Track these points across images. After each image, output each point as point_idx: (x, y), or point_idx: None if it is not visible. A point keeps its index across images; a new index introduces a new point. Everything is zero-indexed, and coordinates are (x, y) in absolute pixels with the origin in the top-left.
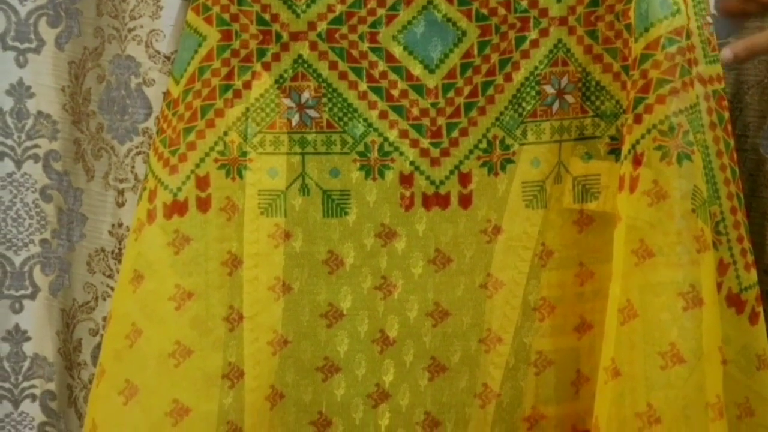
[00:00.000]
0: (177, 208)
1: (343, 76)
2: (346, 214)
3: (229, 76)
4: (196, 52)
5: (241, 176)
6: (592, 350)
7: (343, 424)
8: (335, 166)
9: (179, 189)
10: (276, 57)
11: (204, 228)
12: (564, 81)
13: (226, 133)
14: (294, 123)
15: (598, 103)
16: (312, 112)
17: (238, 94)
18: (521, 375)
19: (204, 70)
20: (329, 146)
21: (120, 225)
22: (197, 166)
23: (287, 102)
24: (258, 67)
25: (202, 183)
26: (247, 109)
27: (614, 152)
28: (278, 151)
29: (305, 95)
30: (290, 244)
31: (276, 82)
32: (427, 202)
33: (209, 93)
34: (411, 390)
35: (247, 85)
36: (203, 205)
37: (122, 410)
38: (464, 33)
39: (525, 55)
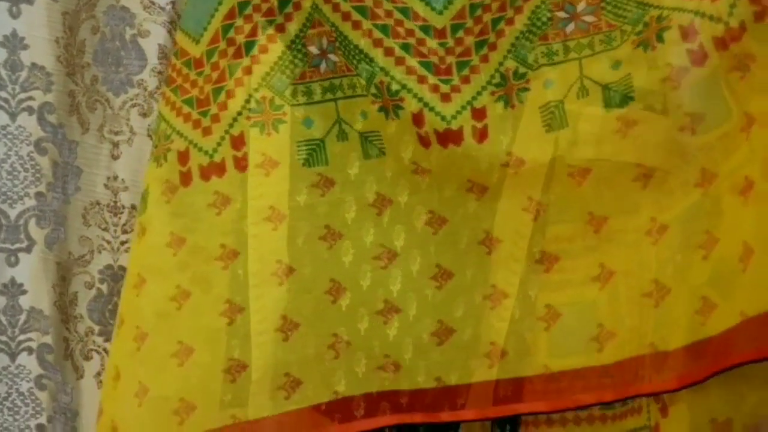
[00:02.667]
0: (215, 169)
1: (346, 17)
2: (383, 154)
3: (253, 32)
4: (216, 10)
5: (276, 130)
6: (618, 300)
7: (411, 359)
8: (363, 109)
9: (215, 150)
10: (297, 6)
11: (243, 187)
12: (581, 5)
13: (256, 90)
14: (322, 70)
15: (625, 14)
16: (333, 57)
17: (264, 50)
18: (527, 327)
19: (227, 28)
20: (354, 89)
21: (115, 178)
22: (231, 125)
23: (313, 50)
24: (281, 19)
25: (238, 142)
26: (275, 63)
27: (641, 44)
28: (311, 101)
29: (324, 41)
30: (334, 191)
31: (300, 31)
32: (440, 139)
33: (235, 51)
34: (419, 300)
35: (272, 39)
36: (240, 164)
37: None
38: None
39: None
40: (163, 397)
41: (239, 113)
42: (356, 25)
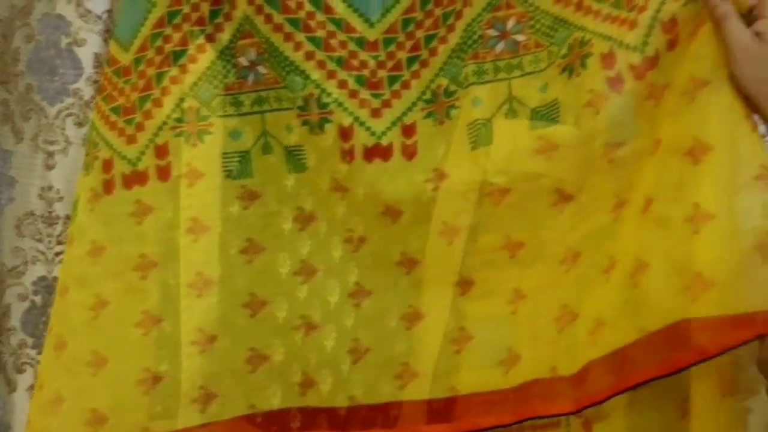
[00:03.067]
0: (138, 178)
1: (278, 28)
2: (305, 169)
3: (183, 41)
4: (146, 18)
5: (202, 141)
6: (528, 325)
7: (332, 376)
8: (288, 122)
9: (138, 159)
10: (228, 17)
11: (166, 196)
12: (510, 23)
13: (182, 100)
14: (250, 81)
15: (553, 34)
16: (261, 69)
17: (192, 59)
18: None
19: (156, 37)
20: (280, 102)
21: (50, 188)
22: (155, 135)
23: (242, 61)
24: (211, 29)
25: (161, 151)
26: (204, 73)
27: (566, 69)
28: (239, 112)
29: (253, 52)
30: (257, 205)
31: (230, 42)
32: (368, 154)
33: (163, 60)
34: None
35: (202, 49)
36: (163, 173)
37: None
38: None
39: (467, 2)
40: (77, 408)
41: (164, 122)
42: (288, 37)
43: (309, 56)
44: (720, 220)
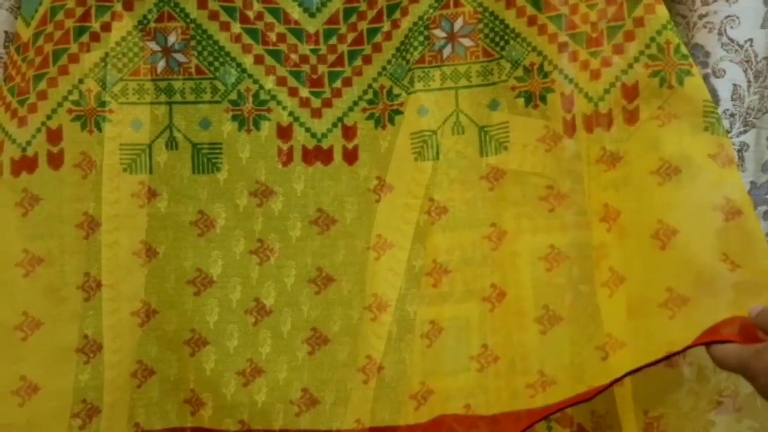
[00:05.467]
0: (26, 164)
1: (213, 16)
2: (217, 170)
3: (85, 17)
4: None
5: (99, 129)
6: (504, 323)
7: (214, 401)
8: (205, 117)
9: (29, 143)
10: None
11: (56, 186)
12: (458, 24)
13: (81, 81)
14: (160, 69)
15: (504, 44)
16: (180, 57)
17: (95, 38)
18: (405, 346)
19: (56, 10)
20: (199, 94)
21: None
22: (48, 117)
23: (152, 45)
24: (118, 6)
25: (54, 136)
26: (107, 54)
27: (524, 95)
28: (142, 101)
29: (172, 38)
30: (155, 204)
31: (139, 23)
32: (308, 156)
33: (62, 36)
34: (289, 364)
35: (106, 27)
36: (55, 160)
37: None
38: None
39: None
40: None
41: (59, 104)
42: (225, 27)
43: (246, 49)
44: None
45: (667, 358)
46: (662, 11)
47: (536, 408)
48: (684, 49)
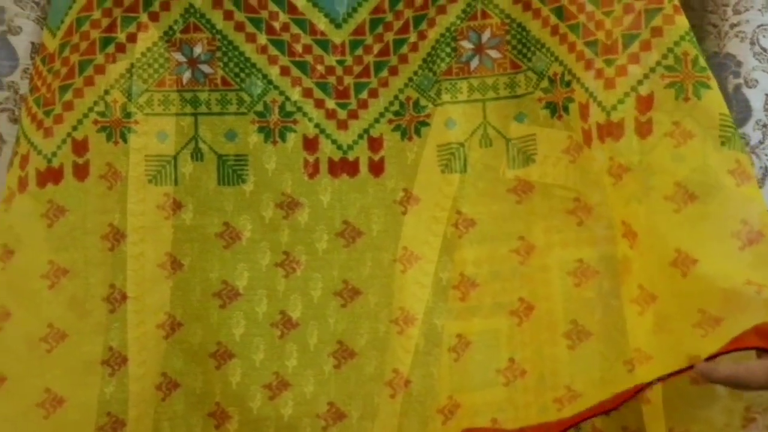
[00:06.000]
0: (51, 175)
1: (239, 27)
2: (243, 181)
3: (111, 27)
4: (74, 0)
5: (125, 140)
6: (532, 337)
7: (240, 414)
8: (231, 128)
9: (54, 154)
10: (165, 6)
11: (81, 198)
12: (486, 35)
13: (107, 92)
14: (185, 80)
15: (531, 56)
16: (205, 68)
17: (121, 48)
18: (433, 360)
19: (82, 21)
20: (224, 106)
21: None
22: (74, 128)
23: (178, 56)
24: (144, 17)
25: (80, 147)
26: (132, 65)
27: (549, 107)
28: (168, 112)
29: (198, 49)
30: (180, 216)
31: (165, 34)
32: (334, 168)
33: (88, 47)
34: (315, 377)
35: (132, 38)
36: (80, 172)
37: None
38: None
39: (441, 10)
40: None
41: (85, 115)
42: (251, 38)
43: (273, 60)
44: None
45: (692, 367)
46: (682, 21)
47: (563, 419)
48: (702, 61)
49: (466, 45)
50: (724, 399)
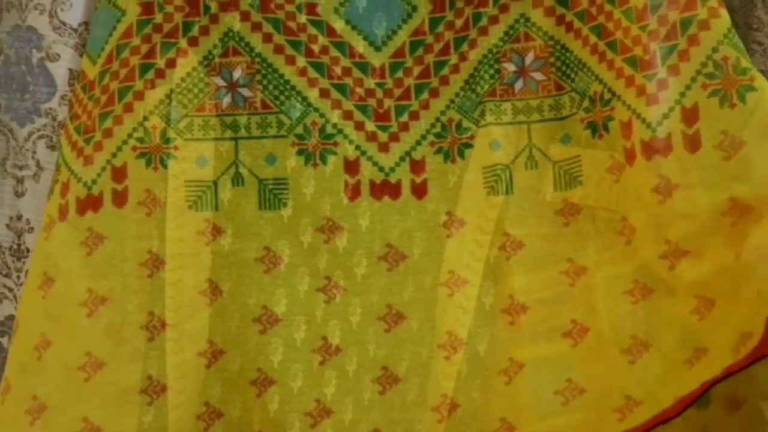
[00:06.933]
0: (91, 203)
1: (279, 49)
2: (283, 205)
3: (151, 54)
4: (114, 28)
5: (164, 166)
6: (589, 358)
7: None
8: (271, 152)
9: (94, 182)
10: (204, 31)
11: (120, 225)
12: (529, 58)
13: (146, 118)
14: (225, 104)
15: (574, 76)
16: (245, 91)
17: (160, 74)
18: (476, 385)
19: (122, 48)
20: (264, 129)
21: (19, 218)
22: (114, 155)
23: (217, 81)
24: (183, 43)
25: (119, 174)
26: (171, 91)
27: (590, 126)
28: (208, 137)
29: (237, 72)
30: (219, 242)
31: (204, 59)
32: (376, 190)
33: (128, 74)
34: (354, 405)
35: (171, 64)
36: (119, 199)
37: (29, 431)
38: (414, 8)
39: (483, 32)
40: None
41: (125, 142)
42: (290, 60)
43: (312, 83)
44: None
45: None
46: (719, 24)
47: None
48: (745, 62)
49: (510, 67)
50: None
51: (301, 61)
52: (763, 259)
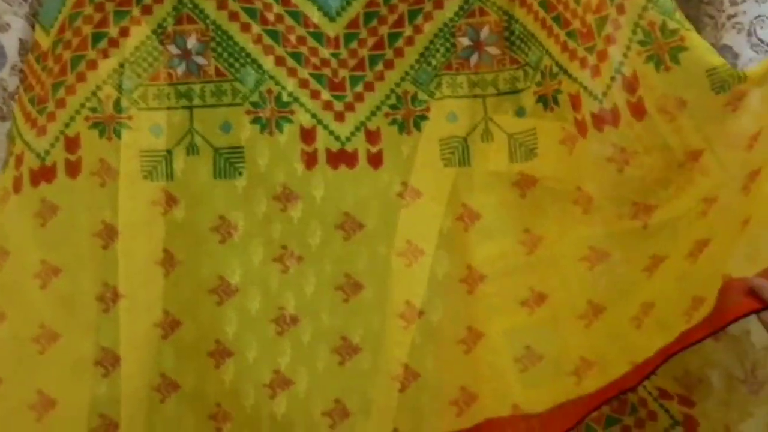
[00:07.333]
0: (44, 173)
1: (233, 17)
2: (239, 174)
3: (103, 22)
4: None
5: (118, 135)
6: (546, 324)
7: (236, 413)
8: (226, 120)
9: (47, 152)
10: None
11: (73, 195)
12: (484, 32)
13: (99, 88)
14: (179, 73)
15: (527, 50)
16: (199, 59)
17: (113, 43)
18: (430, 355)
19: (75, 17)
20: (219, 97)
21: None
22: (67, 125)
23: (171, 49)
24: (136, 11)
25: (72, 144)
26: (125, 60)
27: (541, 99)
28: (162, 106)
29: (191, 40)
30: (174, 212)
31: (158, 27)
32: (332, 159)
33: (80, 43)
34: (310, 374)
35: (125, 33)
36: (72, 169)
37: None
38: None
39: (438, 5)
40: None
41: (78, 112)
42: (245, 28)
43: (267, 51)
44: None
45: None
46: None
47: (585, 395)
48: (672, 23)
49: (464, 41)
50: (720, 392)
51: (256, 29)
52: None
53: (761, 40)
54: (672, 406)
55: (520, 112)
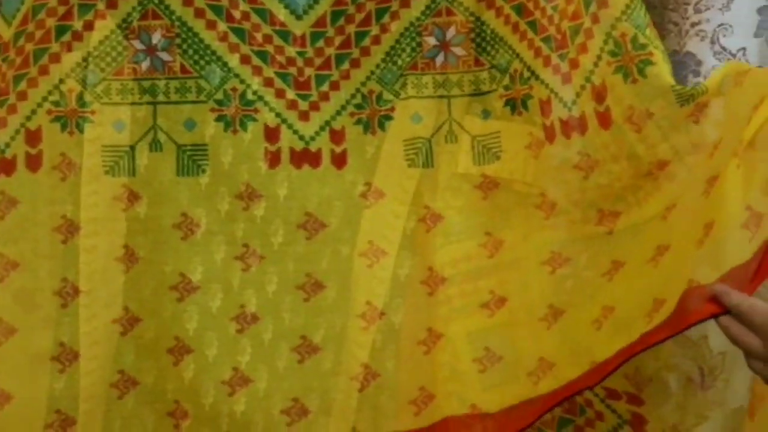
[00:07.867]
0: (4, 166)
1: (199, 13)
2: (202, 171)
3: (68, 15)
4: None
5: (80, 130)
6: (508, 327)
7: (194, 411)
8: (190, 117)
9: (7, 145)
10: None
11: (33, 189)
12: (450, 32)
13: (62, 81)
14: (143, 68)
15: (494, 53)
16: (164, 55)
17: (77, 37)
18: (391, 354)
19: (38, 9)
20: (183, 94)
21: None
22: (28, 118)
23: (136, 44)
24: (101, 5)
25: (33, 138)
26: (89, 54)
27: (509, 103)
28: (125, 101)
29: (156, 36)
30: (136, 208)
31: (123, 21)
32: (296, 158)
33: (43, 35)
34: (270, 373)
35: (89, 26)
36: (33, 162)
37: None
38: None
39: (404, 4)
40: None
41: (39, 105)
42: (210, 25)
43: (233, 48)
44: None
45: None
46: (616, 2)
47: (541, 395)
48: (642, 38)
49: (431, 41)
50: (678, 396)
51: (222, 26)
52: None
53: (724, 48)
54: (619, 405)
55: (484, 115)
